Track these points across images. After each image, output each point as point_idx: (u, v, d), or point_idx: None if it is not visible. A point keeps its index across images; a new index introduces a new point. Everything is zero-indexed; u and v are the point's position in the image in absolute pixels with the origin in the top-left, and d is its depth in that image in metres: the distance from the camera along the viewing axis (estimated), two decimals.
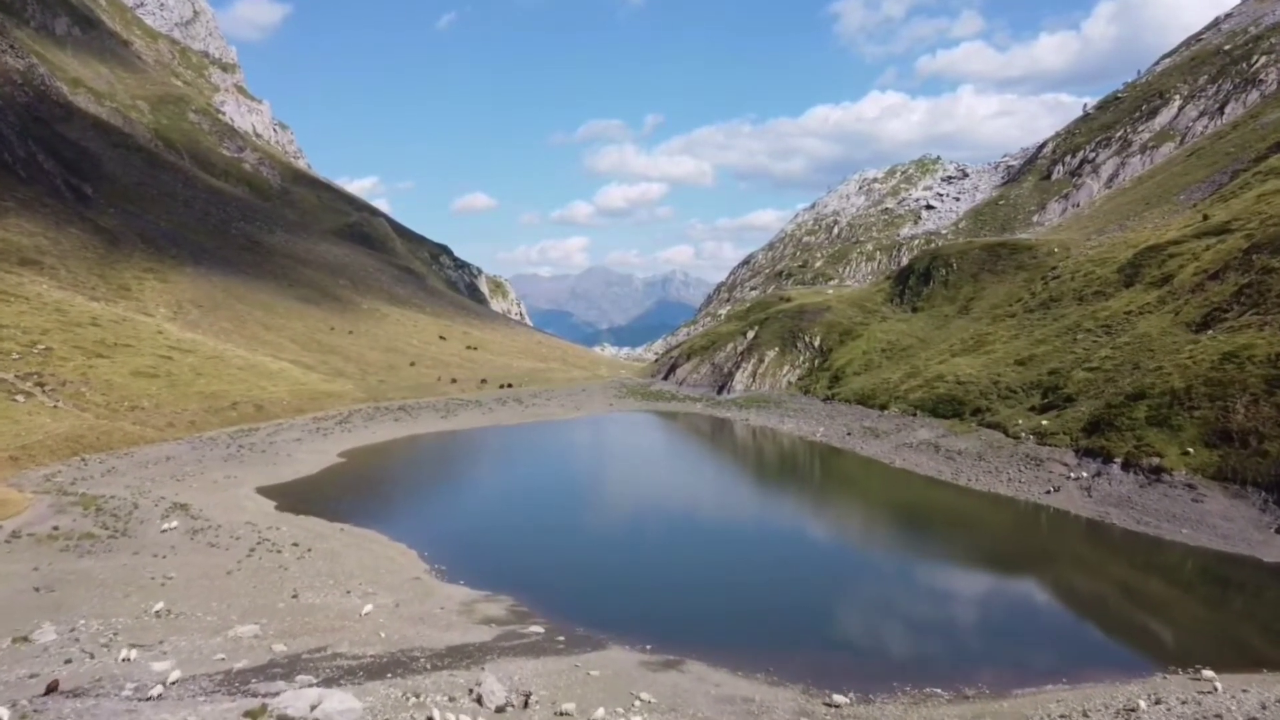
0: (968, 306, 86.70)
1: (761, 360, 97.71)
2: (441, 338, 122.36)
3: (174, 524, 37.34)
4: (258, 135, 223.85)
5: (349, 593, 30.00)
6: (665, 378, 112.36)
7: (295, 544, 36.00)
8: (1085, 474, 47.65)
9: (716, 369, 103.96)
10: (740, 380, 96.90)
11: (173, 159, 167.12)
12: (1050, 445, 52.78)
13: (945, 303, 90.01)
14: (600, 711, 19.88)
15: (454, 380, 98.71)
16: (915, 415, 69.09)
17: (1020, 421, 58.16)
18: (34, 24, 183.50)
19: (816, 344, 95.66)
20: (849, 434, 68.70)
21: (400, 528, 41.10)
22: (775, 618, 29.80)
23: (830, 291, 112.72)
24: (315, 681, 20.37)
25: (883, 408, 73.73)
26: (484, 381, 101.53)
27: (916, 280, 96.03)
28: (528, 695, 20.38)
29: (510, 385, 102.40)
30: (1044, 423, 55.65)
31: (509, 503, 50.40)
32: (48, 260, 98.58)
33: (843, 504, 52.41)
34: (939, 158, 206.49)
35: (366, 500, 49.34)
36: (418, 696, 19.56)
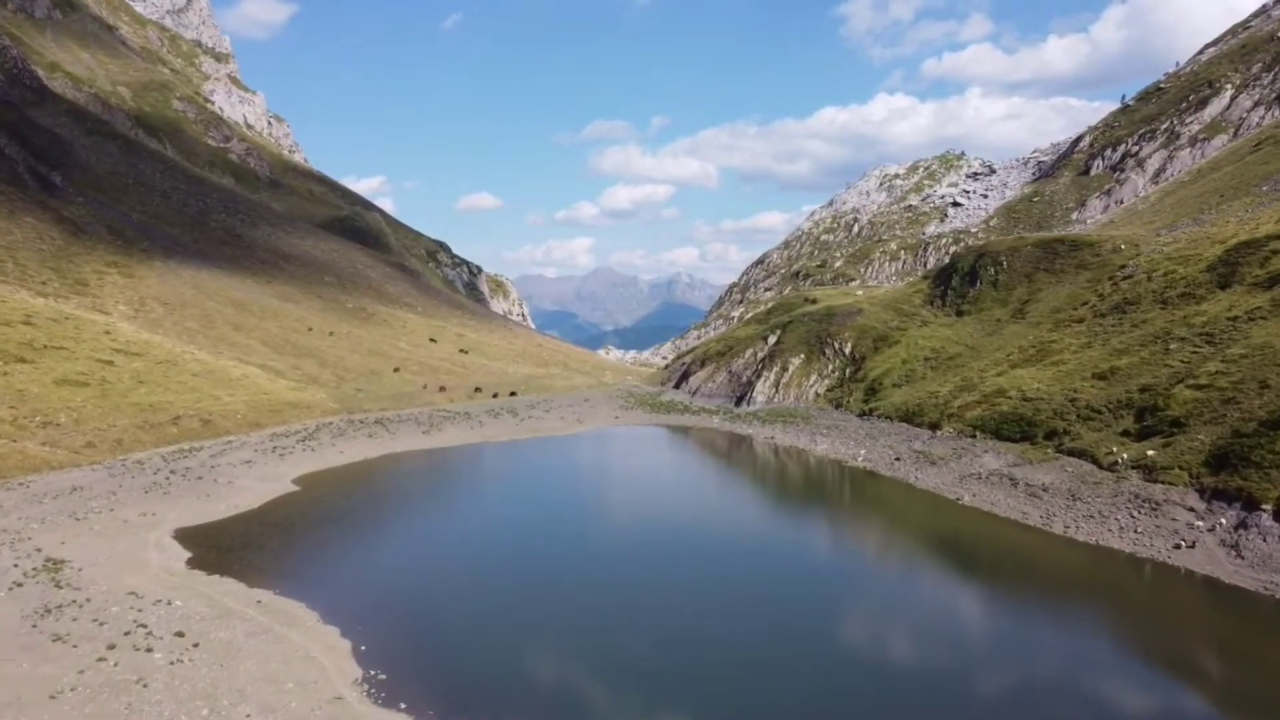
0: (1023, 310, 76.33)
1: (785, 368, 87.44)
2: (432, 340, 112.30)
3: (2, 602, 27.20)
4: (249, 126, 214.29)
5: None
6: (677, 386, 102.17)
7: (180, 633, 25.87)
8: (1223, 523, 37.33)
9: (734, 377, 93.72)
10: (761, 390, 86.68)
11: (154, 147, 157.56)
12: (1164, 483, 42.38)
13: (996, 305, 79.61)
14: None
15: (442, 388, 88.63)
16: (975, 437, 58.80)
17: (1114, 449, 47.83)
18: (11, 5, 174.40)
19: (847, 351, 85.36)
20: (897, 459, 58.41)
21: (340, 597, 31.03)
22: None
23: (860, 293, 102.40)
24: None
25: (933, 427, 63.40)
26: (477, 390, 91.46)
27: (961, 280, 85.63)
28: None
29: (513, 394, 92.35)
30: (1150, 453, 45.27)
31: (487, 557, 40.13)
32: None
33: (919, 565, 41.39)
34: (963, 153, 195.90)
35: (309, 550, 39.24)
36: None
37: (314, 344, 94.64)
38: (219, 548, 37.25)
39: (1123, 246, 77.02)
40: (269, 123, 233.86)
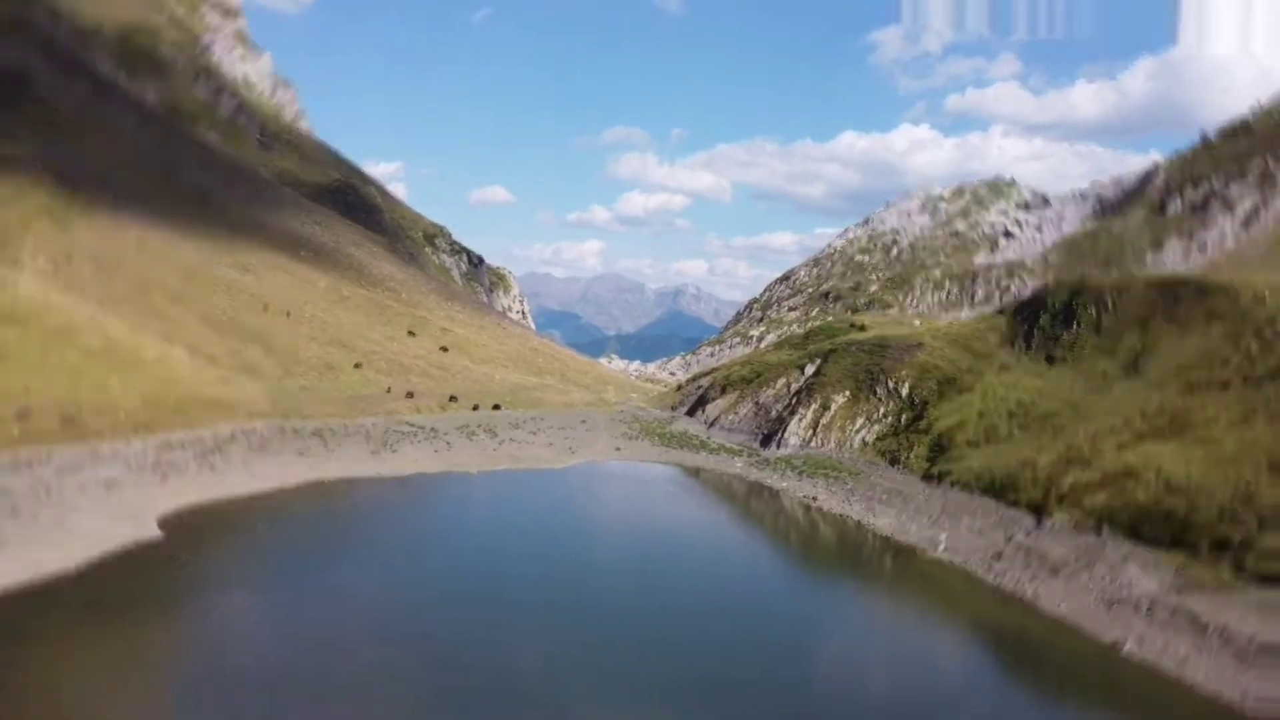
0: (1137, 364, 61.02)
1: (826, 406, 72.13)
2: (410, 333, 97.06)
3: None
4: (249, 85, 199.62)
5: None
6: (691, 413, 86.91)
7: None
8: None
9: (761, 411, 78.41)
10: (795, 431, 71.36)
11: (131, 91, 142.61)
12: None
13: (1100, 355, 64.32)
14: None
15: (410, 394, 73.31)
16: (1101, 533, 43.39)
17: None
18: None
19: (904, 393, 70.08)
20: (997, 555, 43.05)
21: None
22: None
23: (918, 323, 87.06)
24: None
25: (1036, 510, 47.88)
26: (452, 399, 76.17)
27: (1051, 320, 70.36)
28: None
29: (496, 406, 77.25)
30: None
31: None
32: None
33: None
34: (1013, 180, 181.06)
35: (86, 684, 23.80)
36: None
37: (265, 326, 79.26)
38: None
39: (1267, 294, 61.78)
40: (274, 85, 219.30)
